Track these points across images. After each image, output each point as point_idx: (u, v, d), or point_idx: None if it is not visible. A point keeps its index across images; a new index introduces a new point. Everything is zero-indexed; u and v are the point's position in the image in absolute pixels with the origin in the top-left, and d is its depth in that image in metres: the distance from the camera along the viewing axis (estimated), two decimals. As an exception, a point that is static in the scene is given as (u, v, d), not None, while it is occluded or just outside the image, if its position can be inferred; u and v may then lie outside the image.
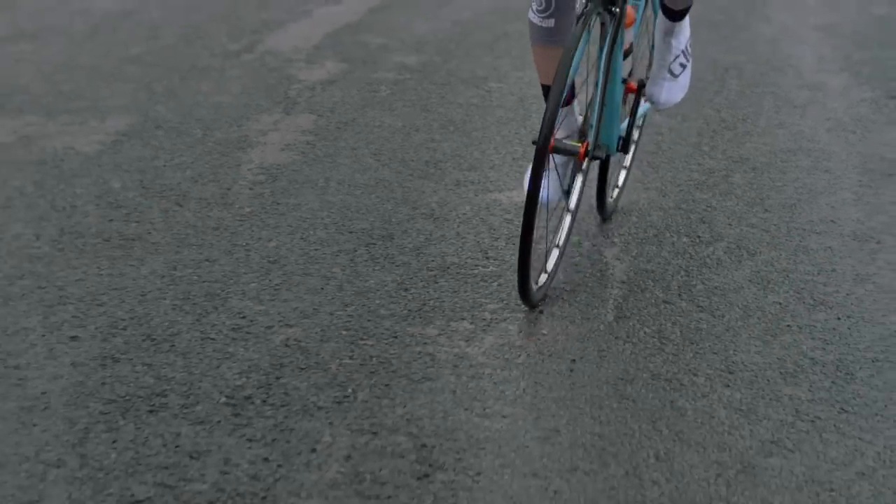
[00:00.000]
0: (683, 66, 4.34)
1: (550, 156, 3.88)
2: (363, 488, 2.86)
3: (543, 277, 3.86)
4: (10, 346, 3.56)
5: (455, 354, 3.49)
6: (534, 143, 3.62)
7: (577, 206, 4.05)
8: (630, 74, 4.35)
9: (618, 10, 3.90)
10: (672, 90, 4.32)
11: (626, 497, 2.86)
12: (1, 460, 2.99)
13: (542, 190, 3.69)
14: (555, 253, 3.97)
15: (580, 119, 4.08)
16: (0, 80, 6.40)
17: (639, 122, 4.70)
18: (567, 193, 4.01)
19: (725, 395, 3.30)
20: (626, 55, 4.26)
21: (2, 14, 8.03)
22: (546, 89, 4.12)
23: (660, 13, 4.33)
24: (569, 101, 4.05)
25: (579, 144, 3.83)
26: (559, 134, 4.03)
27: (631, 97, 4.33)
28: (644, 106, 4.42)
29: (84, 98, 6.07)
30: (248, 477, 2.90)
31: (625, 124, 4.28)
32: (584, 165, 4.06)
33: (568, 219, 4.06)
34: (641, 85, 4.32)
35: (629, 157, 4.68)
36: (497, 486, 2.89)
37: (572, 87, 3.95)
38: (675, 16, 4.32)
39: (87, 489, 2.87)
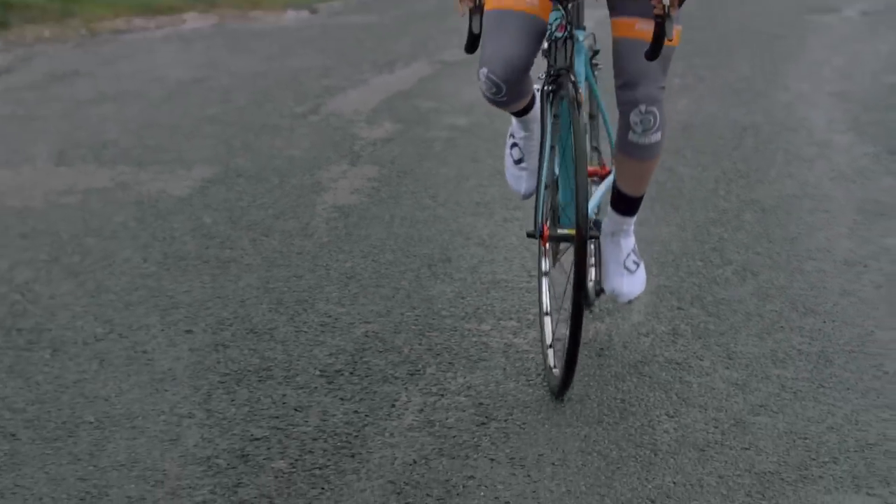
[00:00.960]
0: (637, 264, 4.38)
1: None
2: (433, 430, 3.71)
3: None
4: (136, 338, 4.45)
5: (505, 343, 4.36)
6: (529, 235, 4.09)
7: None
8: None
9: (573, 89, 4.06)
10: (633, 282, 4.38)
11: (642, 440, 3.70)
12: (143, 413, 3.86)
13: (520, 184, 4.43)
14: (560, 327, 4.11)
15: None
16: (91, 136, 7.35)
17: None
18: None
19: (725, 374, 4.15)
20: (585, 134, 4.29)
21: (84, 80, 9.03)
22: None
23: (609, 210, 4.35)
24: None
25: (572, 230, 3.96)
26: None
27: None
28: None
29: (169, 151, 7.00)
30: (343, 423, 3.77)
31: (594, 204, 4.33)
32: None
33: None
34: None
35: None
36: (539, 433, 3.74)
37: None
38: (627, 207, 4.35)
39: (216, 431, 3.74)
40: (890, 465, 3.60)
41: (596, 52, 4.47)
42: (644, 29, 4.06)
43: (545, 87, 4.18)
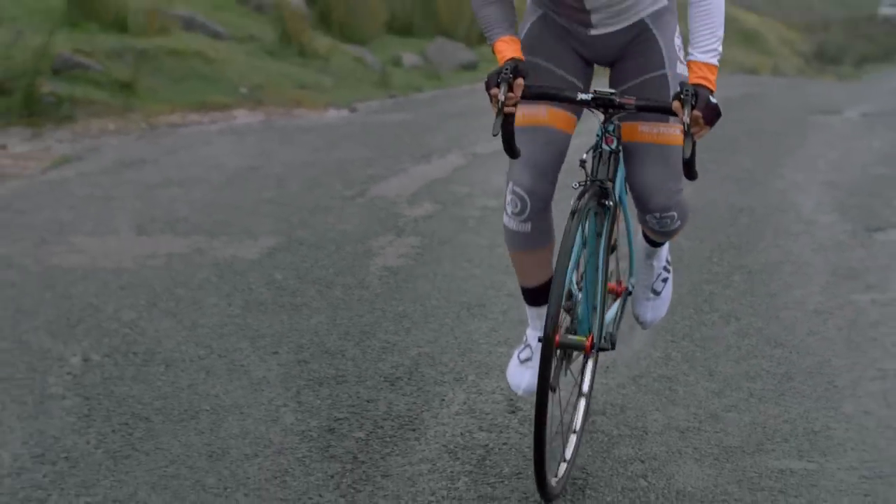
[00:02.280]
0: (665, 281, 4.70)
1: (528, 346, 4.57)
2: (475, 415, 4.97)
3: (563, 467, 4.33)
4: (232, 357, 5.72)
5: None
6: (539, 340, 4.19)
7: (591, 389, 4.74)
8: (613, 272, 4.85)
9: (611, 203, 4.29)
10: (657, 308, 4.75)
11: (636, 425, 4.94)
12: (247, 404, 5.12)
13: (521, 379, 4.52)
14: (572, 439, 4.46)
15: None
16: (164, 213, 8.66)
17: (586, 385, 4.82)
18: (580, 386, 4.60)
19: (706, 385, 5.40)
20: (611, 251, 4.56)
21: (150, 167, 10.38)
22: (525, 291, 4.59)
23: (641, 238, 4.67)
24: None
25: (584, 338, 4.28)
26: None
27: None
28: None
29: (236, 225, 8.30)
30: (405, 410, 5.03)
31: (610, 318, 4.58)
32: (593, 356, 4.66)
33: (583, 402, 4.67)
34: (628, 292, 4.81)
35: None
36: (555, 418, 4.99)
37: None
38: (656, 244, 4.67)
39: (306, 415, 4.99)
40: (830, 444, 4.83)
41: None
42: (646, 132, 4.35)
43: (581, 199, 4.22)
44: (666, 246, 4.86)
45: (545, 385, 4.05)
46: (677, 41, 4.50)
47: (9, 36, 12.80)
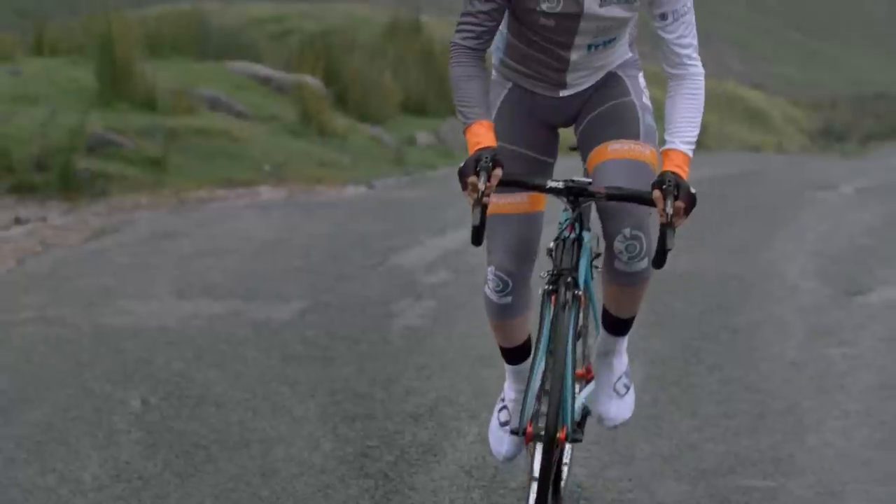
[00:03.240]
0: (627, 388, 4.85)
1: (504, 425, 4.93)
2: (487, 444, 5.93)
3: None
4: (274, 399, 6.69)
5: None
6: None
7: (567, 480, 5.15)
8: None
9: (579, 292, 4.51)
10: (621, 407, 4.88)
11: (625, 452, 5.90)
12: (290, 436, 6.09)
13: (502, 446, 4.86)
14: None
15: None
16: (200, 280, 9.66)
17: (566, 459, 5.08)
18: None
19: (688, 423, 6.36)
20: (577, 337, 4.80)
21: (184, 239, 11.40)
22: (504, 351, 4.98)
23: (601, 330, 4.80)
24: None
25: (560, 433, 4.46)
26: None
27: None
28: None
29: (267, 291, 9.30)
30: (427, 439, 6.00)
31: (578, 406, 4.80)
32: (567, 451, 4.98)
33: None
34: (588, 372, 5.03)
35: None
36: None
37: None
38: (618, 328, 4.79)
39: (342, 443, 5.96)
40: (792, 468, 5.79)
41: (597, 255, 4.84)
42: (617, 148, 4.54)
43: (546, 287, 4.54)
44: (624, 345, 4.95)
45: (546, 483, 4.48)
46: (641, 80, 4.80)
47: (45, 115, 13.93)
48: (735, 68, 42.79)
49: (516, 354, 4.98)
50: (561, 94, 4.75)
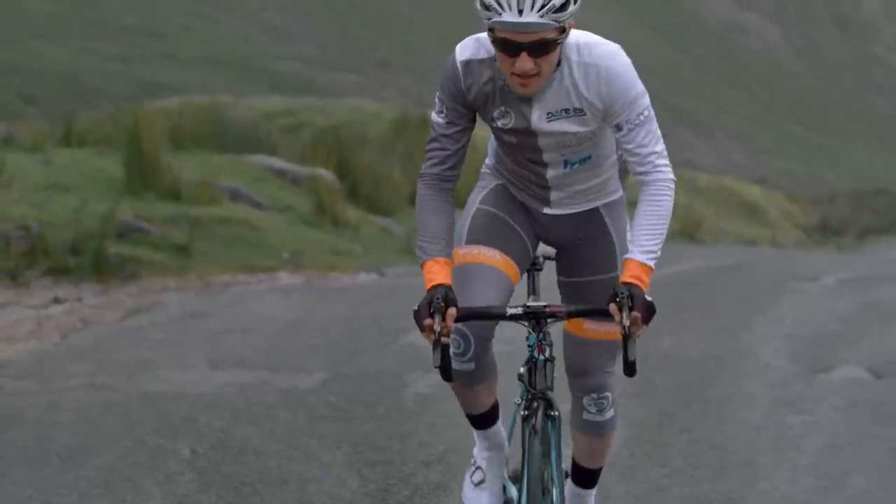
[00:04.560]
0: None
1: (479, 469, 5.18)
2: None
3: None
4: (306, 450, 8.02)
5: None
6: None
7: None
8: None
9: (556, 413, 4.71)
10: None
11: (607, 490, 7.23)
12: (321, 476, 7.42)
13: (479, 502, 5.09)
14: None
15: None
16: (230, 354, 10.98)
17: None
18: None
19: (658, 470, 7.69)
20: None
21: (211, 318, 12.74)
22: (470, 417, 5.14)
23: (568, 481, 5.02)
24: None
25: None
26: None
27: None
28: None
29: (291, 364, 10.63)
30: (437, 479, 7.33)
31: None
32: None
33: None
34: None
35: None
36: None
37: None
38: (587, 480, 5.03)
39: (367, 482, 7.29)
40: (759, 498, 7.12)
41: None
42: (591, 329, 4.67)
43: (524, 412, 4.75)
44: (592, 500, 5.28)
45: None
46: (628, 235, 4.71)
47: (76, 203, 15.34)
48: (738, 161, 44.36)
49: (482, 421, 5.18)
50: (545, 211, 4.88)
